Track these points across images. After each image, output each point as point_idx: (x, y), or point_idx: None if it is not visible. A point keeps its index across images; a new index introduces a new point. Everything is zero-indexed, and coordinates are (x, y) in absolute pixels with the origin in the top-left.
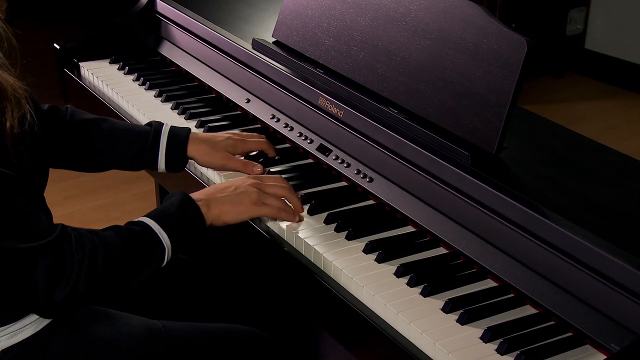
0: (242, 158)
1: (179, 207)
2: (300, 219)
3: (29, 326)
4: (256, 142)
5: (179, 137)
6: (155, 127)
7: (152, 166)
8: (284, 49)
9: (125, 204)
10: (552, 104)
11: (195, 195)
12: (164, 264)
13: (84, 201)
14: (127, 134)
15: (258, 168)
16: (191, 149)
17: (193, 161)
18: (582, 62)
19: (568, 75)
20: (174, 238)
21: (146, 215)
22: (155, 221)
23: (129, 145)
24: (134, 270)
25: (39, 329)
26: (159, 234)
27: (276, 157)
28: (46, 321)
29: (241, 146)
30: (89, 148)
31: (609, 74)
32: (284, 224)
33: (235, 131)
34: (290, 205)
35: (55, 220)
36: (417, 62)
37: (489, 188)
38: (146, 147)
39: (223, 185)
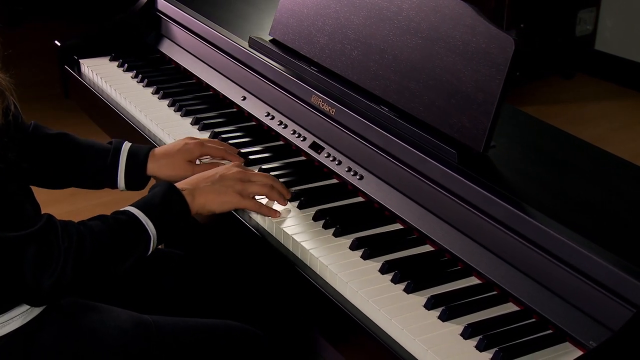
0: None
1: (163, 197)
2: (280, 215)
3: (16, 319)
4: (215, 148)
5: (138, 156)
6: (114, 146)
7: (111, 185)
8: (280, 47)
9: (132, 201)
10: (560, 104)
11: (180, 184)
12: (149, 252)
13: (91, 198)
14: (87, 152)
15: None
16: (151, 167)
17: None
18: (591, 63)
19: (577, 76)
20: (159, 226)
21: (132, 205)
22: (141, 210)
23: (89, 164)
24: (120, 257)
25: (26, 321)
26: (145, 223)
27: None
28: (34, 314)
29: (198, 149)
30: (49, 164)
31: (619, 75)
32: (272, 220)
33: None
34: (275, 197)
35: (61, 217)
36: (408, 60)
37: (475, 186)
38: (106, 165)
39: (207, 174)
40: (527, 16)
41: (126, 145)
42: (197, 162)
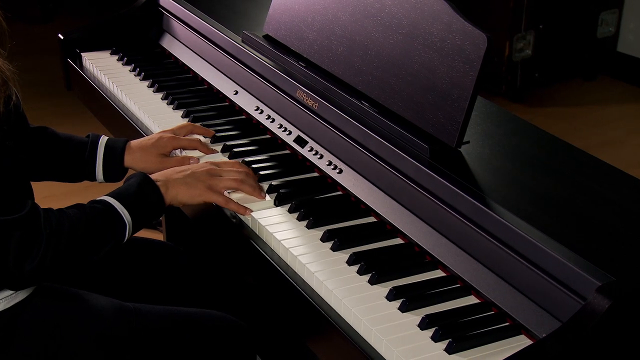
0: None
1: (138, 187)
2: (250, 211)
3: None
4: (188, 140)
5: (115, 149)
6: (92, 140)
7: (90, 177)
8: (271, 43)
9: None
10: (581, 106)
11: (154, 176)
12: (125, 239)
13: (107, 190)
14: (65, 145)
15: (193, 160)
16: (127, 159)
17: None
18: (614, 65)
19: (599, 78)
20: (134, 215)
21: (107, 195)
22: (117, 199)
23: (67, 157)
24: (96, 245)
25: (9, 305)
26: (120, 211)
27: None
28: (17, 299)
29: (171, 143)
30: (28, 157)
31: None
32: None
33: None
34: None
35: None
36: (389, 56)
37: (443, 180)
38: (84, 159)
39: (181, 168)
40: (547, 17)
41: (103, 139)
42: (174, 153)
